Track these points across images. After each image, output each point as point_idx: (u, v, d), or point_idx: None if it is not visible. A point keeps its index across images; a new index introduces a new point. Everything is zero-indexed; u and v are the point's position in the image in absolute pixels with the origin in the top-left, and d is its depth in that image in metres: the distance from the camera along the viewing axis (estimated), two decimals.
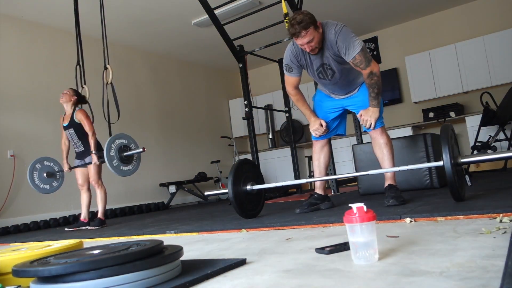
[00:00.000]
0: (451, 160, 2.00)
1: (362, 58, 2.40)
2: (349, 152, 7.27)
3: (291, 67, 2.63)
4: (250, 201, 2.77)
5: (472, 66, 6.53)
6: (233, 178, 2.65)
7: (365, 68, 2.41)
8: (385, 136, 2.64)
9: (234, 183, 2.65)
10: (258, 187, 2.76)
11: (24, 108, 5.33)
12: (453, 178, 2.00)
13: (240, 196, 2.68)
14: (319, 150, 2.82)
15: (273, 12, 4.54)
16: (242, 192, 2.71)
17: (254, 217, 2.75)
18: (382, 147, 2.62)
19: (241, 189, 2.70)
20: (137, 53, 7.12)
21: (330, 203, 2.79)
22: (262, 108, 7.28)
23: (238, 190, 2.68)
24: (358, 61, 2.40)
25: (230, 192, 2.63)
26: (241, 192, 2.70)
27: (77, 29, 4.42)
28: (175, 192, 6.77)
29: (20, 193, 5.07)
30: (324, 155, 2.82)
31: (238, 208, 2.65)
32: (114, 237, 2.87)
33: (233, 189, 2.63)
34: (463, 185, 2.20)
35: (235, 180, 2.66)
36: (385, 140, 2.63)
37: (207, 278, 1.16)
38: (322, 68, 2.57)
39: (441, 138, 2.07)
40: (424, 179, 3.41)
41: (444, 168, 2.02)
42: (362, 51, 2.40)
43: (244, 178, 2.75)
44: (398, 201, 2.37)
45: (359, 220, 1.11)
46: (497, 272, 0.87)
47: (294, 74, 2.66)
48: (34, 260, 1.15)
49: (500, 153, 2.16)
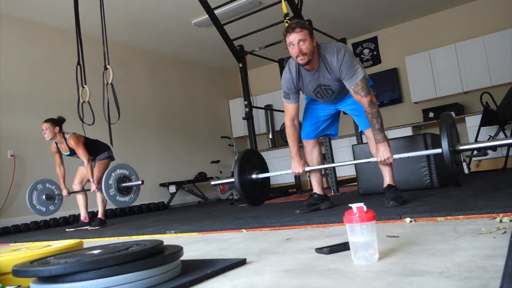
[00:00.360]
0: (449, 147, 2.03)
1: (364, 85, 2.39)
2: (349, 152, 7.26)
3: (288, 93, 2.62)
4: (255, 189, 2.89)
5: (472, 66, 6.53)
6: (239, 167, 2.76)
7: (365, 96, 2.38)
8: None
9: (240, 172, 2.75)
10: (263, 175, 2.87)
11: (24, 108, 5.33)
12: (451, 164, 2.04)
13: (246, 184, 2.79)
14: (310, 151, 2.82)
15: (273, 12, 4.54)
16: (248, 180, 2.82)
17: (259, 205, 2.93)
18: None
19: (247, 178, 2.81)
20: (137, 53, 7.12)
21: (330, 203, 2.80)
22: (262, 108, 7.28)
23: (244, 178, 2.79)
24: (360, 88, 2.39)
25: (236, 180, 2.74)
26: (247, 181, 2.81)
27: (77, 29, 4.42)
28: (175, 192, 6.77)
29: (20, 193, 5.06)
30: (315, 155, 2.81)
31: (244, 195, 2.77)
32: (114, 237, 2.87)
33: (239, 177, 2.74)
34: (461, 172, 2.25)
35: (241, 169, 2.77)
36: None
37: (207, 278, 1.16)
38: (319, 88, 2.57)
39: (440, 125, 2.10)
40: (424, 179, 3.41)
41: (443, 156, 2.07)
42: (365, 79, 2.40)
43: (250, 167, 2.85)
44: (398, 202, 2.36)
45: (359, 220, 1.11)
46: (497, 272, 0.88)
47: (291, 101, 2.64)
48: (34, 260, 1.15)
49: (499, 140, 2.21)
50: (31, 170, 5.21)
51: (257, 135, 7.32)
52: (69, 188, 4.17)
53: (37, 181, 4.22)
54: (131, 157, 6.52)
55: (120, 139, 6.03)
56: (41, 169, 5.31)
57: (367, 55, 7.73)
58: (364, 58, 7.75)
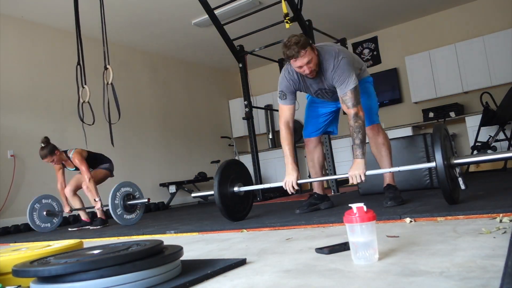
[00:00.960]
0: (444, 161, 1.92)
1: (352, 96, 2.30)
2: (349, 152, 7.26)
3: (285, 93, 2.53)
4: (237, 203, 2.67)
5: (472, 66, 6.52)
6: (219, 179, 2.55)
7: (352, 107, 2.30)
8: (381, 135, 2.60)
9: (220, 184, 2.55)
10: (245, 188, 2.67)
11: (24, 108, 5.33)
12: (445, 179, 1.91)
13: (226, 198, 2.58)
14: (312, 150, 2.81)
15: (273, 12, 4.54)
16: (228, 193, 2.61)
17: (241, 220, 2.67)
18: (379, 147, 2.59)
19: (227, 190, 2.60)
20: (137, 53, 7.12)
21: (330, 203, 2.79)
22: (262, 108, 7.28)
23: (224, 191, 2.58)
24: (348, 97, 2.31)
25: (215, 193, 2.53)
26: (227, 194, 2.60)
27: (77, 29, 4.42)
28: (175, 192, 6.77)
29: (20, 193, 5.07)
30: (317, 154, 2.80)
31: (223, 210, 2.56)
32: (114, 237, 2.88)
33: (219, 190, 2.53)
34: (456, 188, 2.09)
35: (221, 181, 2.57)
36: (382, 139, 2.59)
37: (207, 278, 1.16)
38: (320, 91, 2.54)
39: (433, 138, 1.97)
40: (424, 179, 3.43)
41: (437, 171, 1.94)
42: (355, 90, 2.32)
43: (232, 179, 2.66)
44: (396, 202, 2.36)
45: (359, 220, 1.11)
46: (497, 272, 0.88)
47: (287, 102, 2.54)
48: (34, 260, 1.15)
49: (496, 154, 2.10)
50: (31, 170, 5.21)
51: (257, 135, 7.30)
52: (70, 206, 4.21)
53: (33, 201, 4.21)
54: (131, 157, 6.52)
55: (120, 139, 6.03)
56: (41, 169, 5.30)
57: (367, 55, 7.72)
58: (364, 58, 7.75)
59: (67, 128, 5.64)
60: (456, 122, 6.64)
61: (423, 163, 3.43)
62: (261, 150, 7.69)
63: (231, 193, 2.62)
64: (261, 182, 5.03)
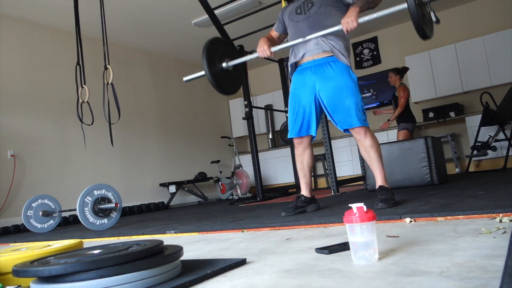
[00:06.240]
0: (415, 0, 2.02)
1: None
2: (349, 152, 7.27)
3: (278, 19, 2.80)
4: (228, 77, 2.82)
5: (472, 66, 6.53)
6: (207, 58, 2.65)
7: None
8: (369, 138, 2.47)
9: (209, 64, 2.66)
10: (233, 62, 2.77)
11: (24, 108, 5.33)
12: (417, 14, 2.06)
13: (217, 74, 2.72)
14: (301, 153, 2.68)
15: (273, 12, 4.54)
16: (218, 70, 2.73)
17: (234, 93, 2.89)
18: (368, 150, 2.48)
19: (217, 68, 2.72)
20: (137, 53, 7.12)
21: (317, 205, 2.69)
22: (262, 108, 7.28)
23: (215, 69, 2.70)
24: None
25: (206, 73, 2.64)
26: (217, 72, 2.72)
27: (77, 29, 4.42)
28: (175, 192, 6.77)
29: (20, 193, 5.07)
30: (306, 157, 2.68)
31: (217, 86, 2.71)
32: (114, 237, 2.88)
33: (209, 69, 2.65)
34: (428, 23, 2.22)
35: (209, 61, 2.67)
36: (370, 142, 2.47)
37: (207, 278, 1.16)
38: (303, 4, 2.67)
39: None
40: (425, 176, 3.51)
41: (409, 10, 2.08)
42: None
43: (219, 57, 2.76)
44: (387, 204, 2.28)
45: (359, 220, 1.11)
46: (496, 272, 0.88)
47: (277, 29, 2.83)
48: (34, 260, 1.15)
49: None
50: (31, 170, 5.21)
51: (257, 135, 7.33)
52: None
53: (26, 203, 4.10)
54: (131, 157, 6.53)
55: (120, 139, 6.04)
56: (41, 169, 5.32)
57: (367, 55, 7.73)
58: (364, 58, 7.75)
59: (67, 128, 5.65)
60: (456, 122, 6.64)
61: (424, 162, 3.46)
62: (261, 150, 7.70)
63: (220, 70, 2.75)
64: (261, 182, 5.04)
